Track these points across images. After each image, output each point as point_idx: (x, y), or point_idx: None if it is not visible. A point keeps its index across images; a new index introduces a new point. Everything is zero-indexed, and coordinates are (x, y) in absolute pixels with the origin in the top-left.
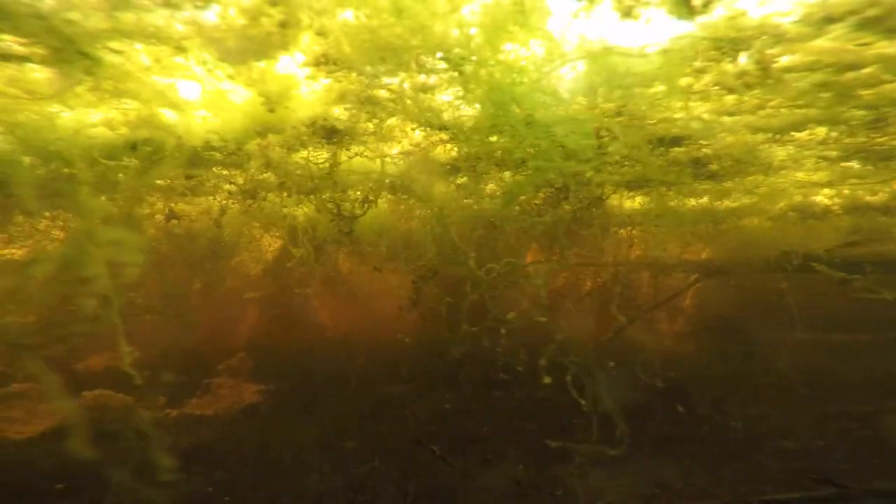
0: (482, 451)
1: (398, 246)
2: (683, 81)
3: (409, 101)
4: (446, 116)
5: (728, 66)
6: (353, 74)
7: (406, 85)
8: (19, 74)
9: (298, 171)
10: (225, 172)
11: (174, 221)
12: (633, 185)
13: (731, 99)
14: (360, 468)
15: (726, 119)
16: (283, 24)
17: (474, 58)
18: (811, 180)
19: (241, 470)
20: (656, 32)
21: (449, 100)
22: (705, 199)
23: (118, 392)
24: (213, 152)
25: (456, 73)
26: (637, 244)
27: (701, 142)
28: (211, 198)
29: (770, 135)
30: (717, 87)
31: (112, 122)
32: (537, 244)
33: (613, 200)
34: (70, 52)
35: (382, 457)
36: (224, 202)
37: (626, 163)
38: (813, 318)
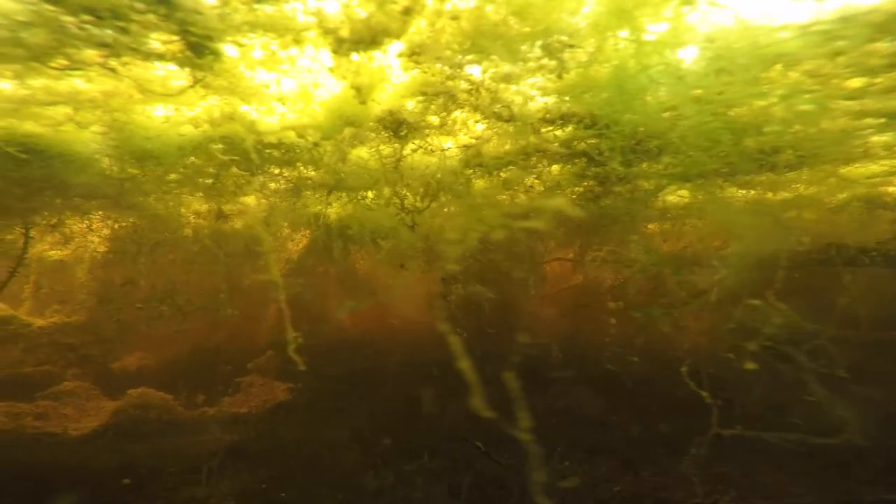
0: (521, 449)
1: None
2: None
3: (485, 92)
4: (517, 108)
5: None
6: (438, 65)
7: (487, 75)
8: (144, 73)
9: (358, 167)
10: (276, 171)
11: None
12: (688, 177)
13: (857, 82)
14: (410, 465)
15: (841, 104)
16: (407, 11)
17: (590, 41)
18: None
19: (290, 466)
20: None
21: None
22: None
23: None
24: (272, 150)
25: (553, 61)
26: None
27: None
28: (258, 196)
29: (884, 120)
30: (848, 70)
31: (197, 120)
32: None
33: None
34: (202, 48)
35: (430, 454)
36: (269, 201)
37: (694, 152)
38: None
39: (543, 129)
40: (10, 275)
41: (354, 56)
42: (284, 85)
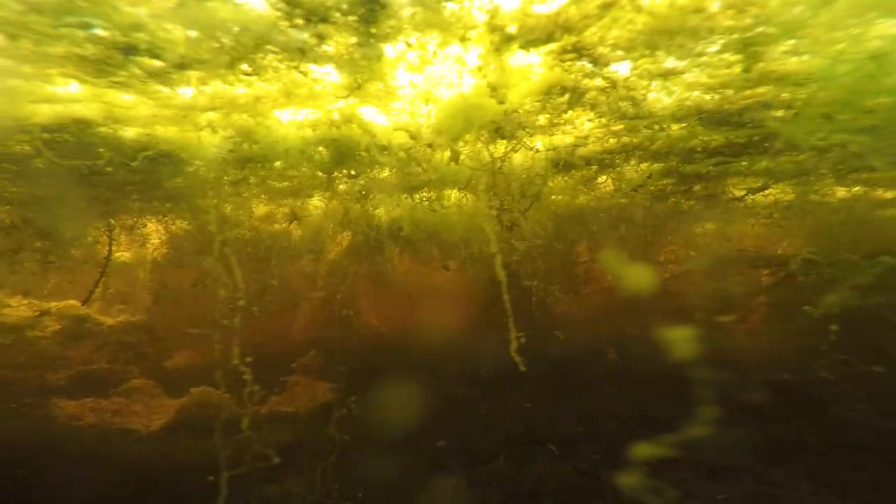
0: (587, 451)
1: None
2: None
3: (622, 90)
4: (646, 105)
5: None
6: (582, 62)
7: (635, 71)
8: (298, 77)
9: (450, 167)
10: (349, 172)
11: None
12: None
13: None
14: (483, 467)
15: None
16: (606, 6)
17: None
18: None
19: (367, 466)
20: None
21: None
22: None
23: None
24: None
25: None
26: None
27: None
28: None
29: None
30: None
31: (317, 123)
32: None
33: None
34: (372, 49)
35: (505, 456)
36: (343, 203)
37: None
38: None
39: (673, 126)
40: (97, 280)
41: (519, 54)
42: (416, 85)
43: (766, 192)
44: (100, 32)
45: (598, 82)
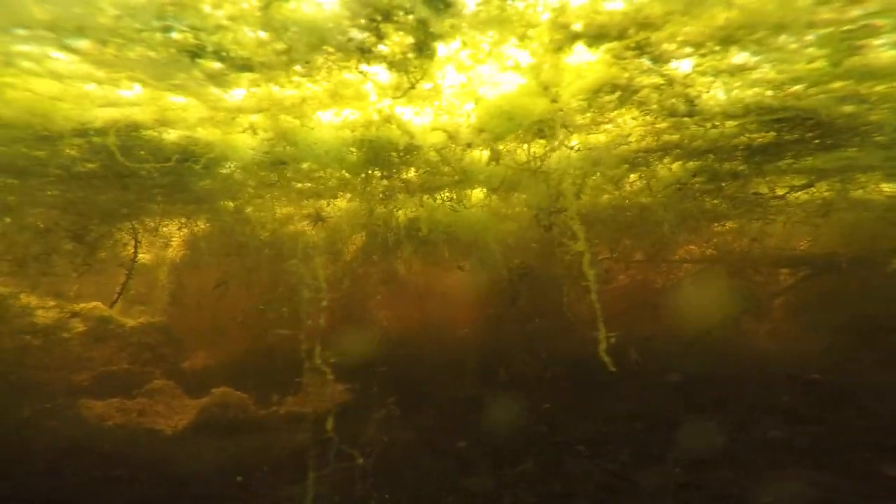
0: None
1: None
2: None
3: (678, 87)
4: (702, 102)
5: None
6: (639, 60)
7: (698, 68)
8: (351, 79)
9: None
10: (382, 172)
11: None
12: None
13: None
14: (511, 469)
15: None
16: (694, 2)
17: None
18: None
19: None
20: None
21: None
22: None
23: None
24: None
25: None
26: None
27: None
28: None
29: None
30: None
31: (354, 124)
32: None
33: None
34: (426, 49)
35: (535, 457)
36: (369, 203)
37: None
38: None
39: (727, 123)
40: (125, 282)
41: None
42: (460, 85)
43: (810, 189)
44: (174, 35)
45: (653, 80)
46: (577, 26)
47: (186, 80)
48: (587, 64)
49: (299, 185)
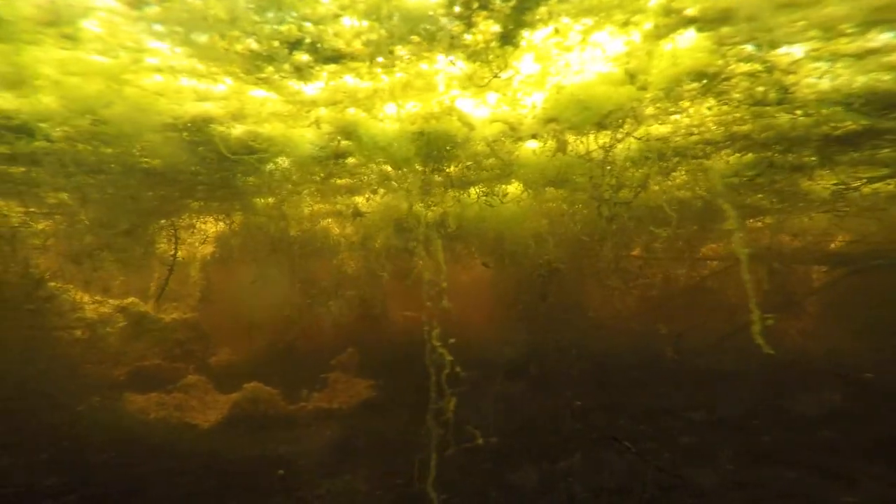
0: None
1: None
2: None
3: (778, 73)
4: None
5: None
6: (742, 46)
7: (809, 53)
8: (427, 69)
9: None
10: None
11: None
12: None
13: None
14: (558, 464)
15: None
16: None
17: None
18: None
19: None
20: None
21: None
22: None
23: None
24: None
25: None
26: None
27: None
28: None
29: None
30: None
31: (415, 116)
32: None
33: None
34: (511, 38)
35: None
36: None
37: None
38: None
39: (822, 111)
40: (166, 279)
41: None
42: (533, 74)
43: (889, 181)
44: (281, 28)
45: (751, 67)
46: (690, 11)
47: (272, 74)
48: (683, 51)
49: (341, 180)
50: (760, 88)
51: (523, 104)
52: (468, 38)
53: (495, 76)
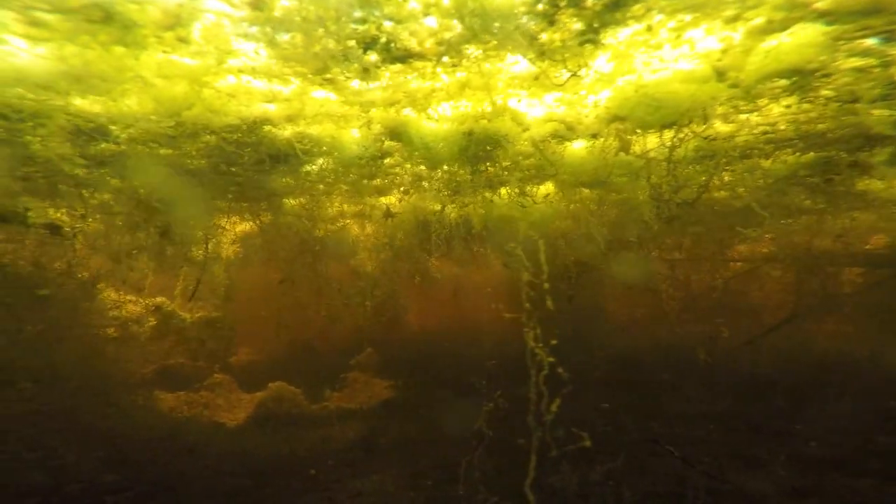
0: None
1: None
2: None
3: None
4: None
5: None
6: (866, 40)
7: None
8: (490, 69)
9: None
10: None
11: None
12: None
13: None
14: (600, 468)
15: None
16: None
17: None
18: None
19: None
20: None
21: None
22: None
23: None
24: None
25: None
26: None
27: None
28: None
29: None
30: None
31: (464, 116)
32: None
33: None
34: (592, 39)
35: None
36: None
37: None
38: None
39: None
40: (198, 281)
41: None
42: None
43: None
44: (359, 28)
45: (866, 61)
46: (819, 4)
47: (338, 75)
48: (787, 45)
49: (374, 181)
50: (866, 85)
51: (585, 103)
52: (544, 37)
53: (574, 74)
